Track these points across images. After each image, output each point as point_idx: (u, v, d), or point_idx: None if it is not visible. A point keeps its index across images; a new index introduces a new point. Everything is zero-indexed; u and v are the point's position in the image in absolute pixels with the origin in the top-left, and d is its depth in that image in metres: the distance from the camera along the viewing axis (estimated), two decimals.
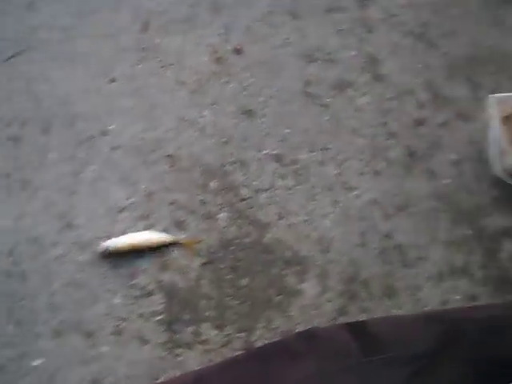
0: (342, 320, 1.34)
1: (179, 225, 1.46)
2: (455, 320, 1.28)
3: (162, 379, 1.28)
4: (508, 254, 1.50)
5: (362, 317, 1.35)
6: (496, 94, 1.60)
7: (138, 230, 1.44)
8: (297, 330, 1.32)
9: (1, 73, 1.68)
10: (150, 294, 1.38)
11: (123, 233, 1.44)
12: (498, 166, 1.57)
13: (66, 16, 1.80)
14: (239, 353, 1.29)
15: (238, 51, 1.76)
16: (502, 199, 1.58)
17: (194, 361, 1.30)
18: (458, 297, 1.43)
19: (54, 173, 1.53)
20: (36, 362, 1.29)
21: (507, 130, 1.59)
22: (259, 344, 1.31)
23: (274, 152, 1.55)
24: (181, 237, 1.42)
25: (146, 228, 1.45)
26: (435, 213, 1.54)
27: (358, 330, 1.20)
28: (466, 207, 1.56)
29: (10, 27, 1.78)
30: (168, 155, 1.42)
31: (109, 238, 1.43)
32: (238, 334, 1.34)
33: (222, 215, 1.49)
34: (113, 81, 1.67)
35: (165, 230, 1.45)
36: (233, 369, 1.17)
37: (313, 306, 1.39)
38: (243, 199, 1.51)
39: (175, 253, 1.43)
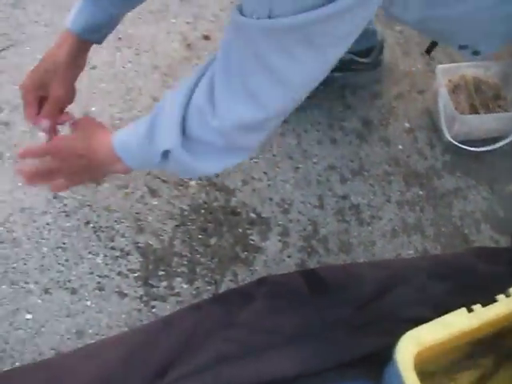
0: None
1: (154, 192, 1.60)
2: (400, 267, 1.43)
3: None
4: (458, 213, 1.63)
5: None
6: (444, 65, 1.73)
7: (117, 199, 1.58)
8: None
9: None
10: (127, 254, 1.50)
11: (104, 201, 1.58)
12: (449, 132, 1.70)
13: (49, 12, 1.92)
14: (200, 298, 1.43)
15: (206, 37, 1.90)
16: (453, 163, 1.71)
17: (167, 311, 1.42)
18: (410, 251, 1.56)
19: None
20: (27, 316, 1.42)
21: (455, 98, 1.72)
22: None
23: None
24: None
25: (124, 196, 1.59)
26: (389, 176, 1.67)
27: (308, 275, 1.36)
28: (418, 170, 1.69)
29: None
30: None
31: (90, 206, 1.57)
32: (207, 287, 1.47)
33: (193, 183, 1.62)
34: (93, 68, 1.79)
35: (141, 197, 1.59)
36: (198, 311, 1.32)
37: (275, 260, 1.52)
38: None
39: (150, 217, 1.57)
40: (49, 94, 1.27)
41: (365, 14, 0.86)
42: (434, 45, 1.58)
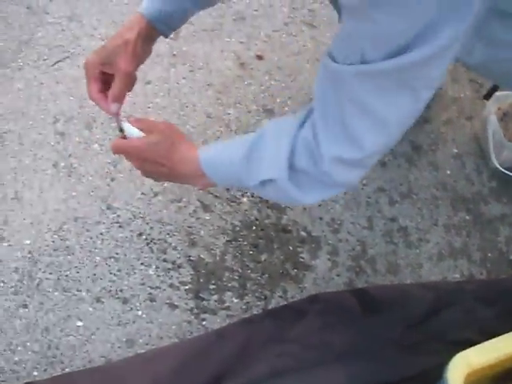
0: None
1: (206, 208, 1.62)
2: (449, 289, 1.45)
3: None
4: (504, 238, 1.64)
5: None
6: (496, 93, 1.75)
7: (170, 212, 1.61)
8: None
9: (49, 76, 1.84)
10: (179, 266, 1.53)
11: (157, 214, 1.60)
12: (496, 159, 1.71)
13: (104, 26, 1.96)
14: (250, 313, 1.45)
15: (259, 57, 1.92)
16: (500, 189, 1.72)
17: (217, 325, 1.44)
18: (456, 275, 1.57)
19: (97, 162, 1.68)
20: (79, 324, 1.44)
21: (504, 126, 1.74)
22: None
23: None
24: None
25: (177, 210, 1.61)
26: (436, 200, 1.69)
27: (359, 293, 1.38)
28: (465, 196, 1.70)
29: (55, 36, 1.94)
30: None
31: (143, 218, 1.60)
32: (257, 302, 1.49)
33: (245, 199, 1.65)
34: (148, 83, 1.82)
35: (194, 211, 1.61)
36: (250, 325, 1.34)
37: (324, 279, 1.54)
38: None
39: (202, 231, 1.59)
40: (116, 70, 1.23)
41: (451, 56, 0.87)
42: (494, 89, 1.59)
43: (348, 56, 0.88)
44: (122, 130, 1.22)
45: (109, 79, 1.25)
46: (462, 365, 1.11)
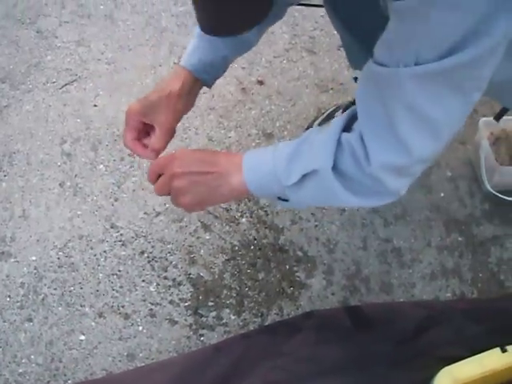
0: None
1: (207, 227, 1.68)
2: (440, 308, 1.49)
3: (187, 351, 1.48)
4: (495, 259, 1.67)
5: None
6: (486, 118, 1.79)
7: (172, 231, 1.66)
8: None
9: (57, 98, 1.91)
10: (179, 284, 1.58)
11: (159, 233, 1.66)
12: (488, 182, 1.76)
13: (111, 51, 2.04)
14: (247, 329, 1.50)
15: (260, 82, 1.99)
16: (492, 212, 1.75)
17: (215, 340, 1.49)
18: (448, 294, 1.60)
19: (101, 183, 1.74)
20: (81, 338, 1.49)
21: (496, 150, 1.78)
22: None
23: None
24: None
25: (179, 229, 1.67)
26: (430, 222, 1.72)
27: (352, 310, 1.42)
28: (458, 218, 1.73)
29: (63, 60, 2.01)
30: None
31: (145, 237, 1.66)
32: (254, 319, 1.53)
33: (244, 220, 1.70)
34: None
35: (195, 231, 1.67)
36: (247, 340, 1.39)
37: (319, 297, 1.58)
38: (262, 207, 1.71)
39: (202, 250, 1.64)
40: (158, 124, 1.25)
41: (499, 55, 0.87)
42: (504, 111, 1.60)
43: (401, 59, 0.87)
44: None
45: (147, 128, 1.29)
46: (447, 379, 1.15)
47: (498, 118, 1.55)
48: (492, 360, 1.18)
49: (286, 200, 1.13)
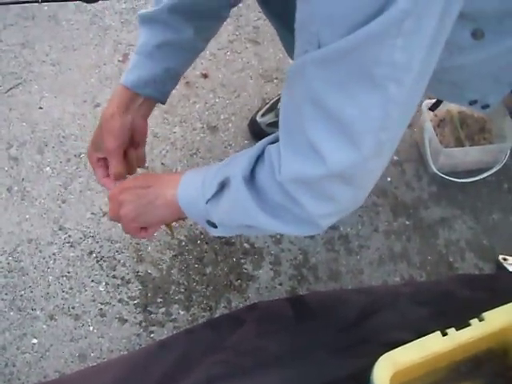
0: None
1: None
2: (383, 293, 1.51)
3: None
4: (443, 241, 1.70)
5: None
6: (430, 100, 1.80)
7: (119, 230, 1.67)
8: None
9: (2, 103, 1.91)
10: (128, 282, 1.59)
11: (106, 232, 1.67)
12: (434, 164, 1.78)
13: (56, 52, 2.04)
14: (196, 324, 1.52)
15: (204, 76, 2.00)
16: (439, 194, 1.78)
17: (165, 336, 1.50)
18: (396, 279, 1.64)
19: (48, 185, 1.75)
20: (34, 341, 1.51)
21: (440, 132, 1.80)
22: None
23: None
24: None
25: None
26: (377, 207, 1.75)
27: (295, 301, 1.44)
28: (405, 201, 1.76)
29: (8, 63, 2.01)
30: (144, 167, 1.48)
31: (93, 237, 1.67)
32: (202, 313, 1.56)
33: None
34: (97, 106, 1.89)
35: None
36: (191, 335, 1.41)
37: (267, 288, 1.60)
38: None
39: (149, 247, 1.66)
40: (105, 152, 1.26)
41: (418, 43, 0.76)
42: (438, 103, 1.60)
43: (304, 46, 0.79)
44: None
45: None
46: (388, 365, 1.16)
47: (433, 108, 1.56)
48: (433, 343, 1.20)
49: (216, 226, 1.08)
